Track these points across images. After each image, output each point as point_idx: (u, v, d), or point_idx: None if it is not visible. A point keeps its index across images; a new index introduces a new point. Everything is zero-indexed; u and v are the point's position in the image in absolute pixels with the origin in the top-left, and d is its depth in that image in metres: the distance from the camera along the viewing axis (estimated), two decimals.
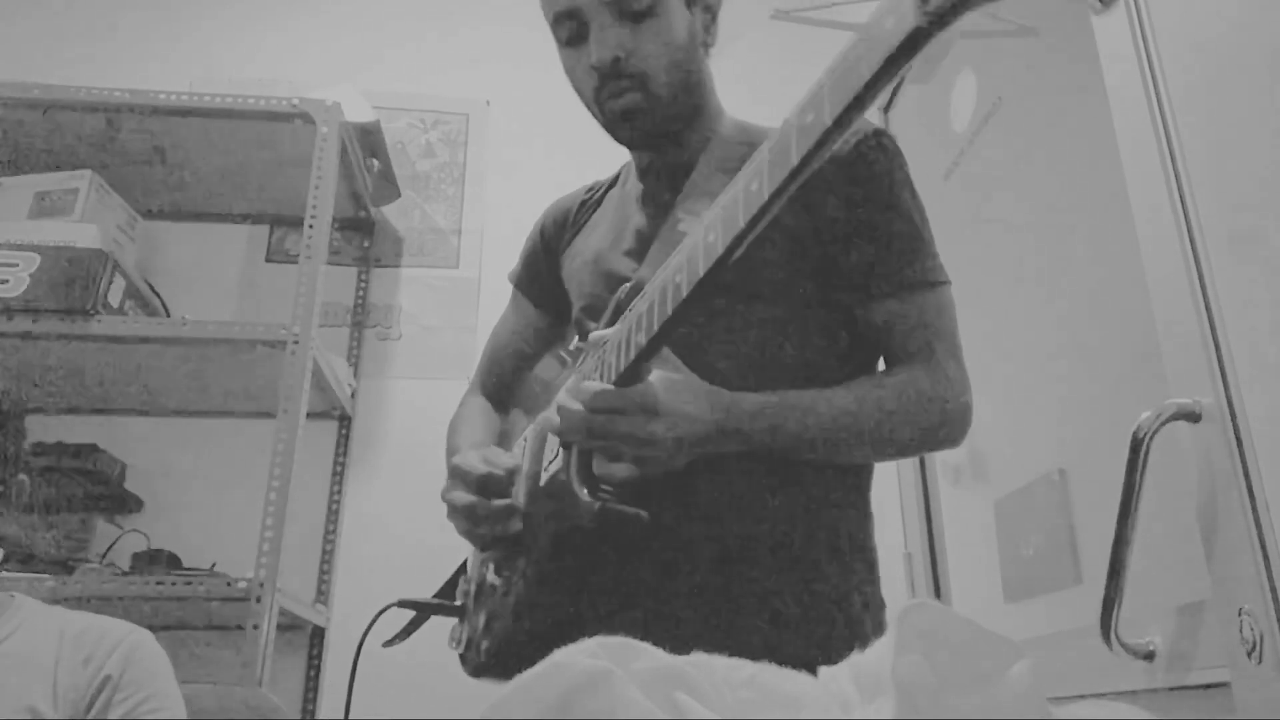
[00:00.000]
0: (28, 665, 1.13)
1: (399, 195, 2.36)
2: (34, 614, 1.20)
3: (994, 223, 1.78)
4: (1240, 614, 0.97)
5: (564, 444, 0.90)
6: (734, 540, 0.92)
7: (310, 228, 1.89)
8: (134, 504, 2.03)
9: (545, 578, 0.94)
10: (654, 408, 0.81)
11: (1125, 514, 1.06)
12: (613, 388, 0.82)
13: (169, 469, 2.10)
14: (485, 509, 0.95)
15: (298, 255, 1.94)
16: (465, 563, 1.15)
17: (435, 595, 1.14)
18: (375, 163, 2.22)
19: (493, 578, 1.03)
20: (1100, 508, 1.31)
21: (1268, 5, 0.99)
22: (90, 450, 1.94)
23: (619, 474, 0.85)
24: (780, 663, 0.41)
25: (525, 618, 0.95)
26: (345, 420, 2.20)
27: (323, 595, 2.05)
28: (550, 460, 0.93)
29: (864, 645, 0.41)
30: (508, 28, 2.54)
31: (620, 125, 1.02)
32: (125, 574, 1.77)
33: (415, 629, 1.16)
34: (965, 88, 1.89)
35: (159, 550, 1.86)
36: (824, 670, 0.41)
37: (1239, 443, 0.99)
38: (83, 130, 2.00)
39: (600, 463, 0.86)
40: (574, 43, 1.01)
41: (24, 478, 1.21)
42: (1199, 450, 1.04)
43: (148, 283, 2.01)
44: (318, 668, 2.00)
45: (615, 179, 1.19)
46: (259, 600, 1.60)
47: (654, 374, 0.83)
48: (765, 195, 0.65)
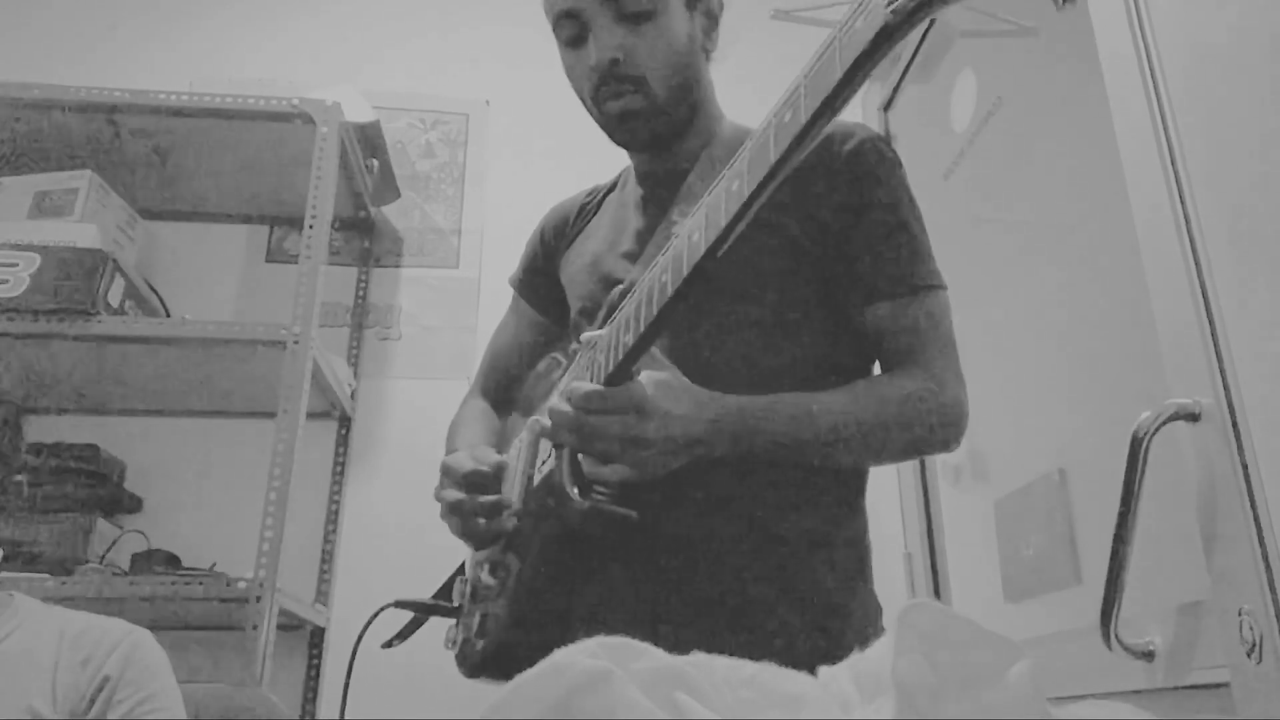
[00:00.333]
0: (27, 665, 1.13)
1: (399, 195, 2.36)
2: (33, 614, 1.20)
3: (994, 223, 1.78)
4: (1240, 614, 0.97)
5: (556, 445, 0.90)
6: (724, 540, 0.92)
7: (310, 228, 1.89)
8: (134, 504, 2.03)
9: (539, 578, 0.95)
10: (643, 407, 0.81)
11: (1125, 514, 1.05)
12: (602, 388, 0.82)
13: (169, 469, 2.10)
14: (472, 505, 0.96)
15: (298, 255, 1.94)
16: (463, 564, 1.15)
17: (433, 596, 1.14)
18: (375, 163, 2.22)
19: (487, 578, 1.03)
20: (1100, 508, 1.31)
21: (1268, 5, 0.99)
22: (90, 450, 1.94)
23: (610, 475, 0.85)
24: (774, 663, 0.41)
25: (519, 618, 0.95)
26: (345, 420, 2.20)
27: (323, 595, 2.05)
28: (543, 461, 0.93)
29: (858, 647, 0.41)
30: (508, 28, 2.54)
31: (618, 127, 1.02)
32: (125, 574, 1.77)
33: (414, 630, 1.16)
34: (965, 88, 1.89)
35: (159, 550, 1.86)
36: (824, 670, 0.41)
37: (1239, 443, 0.99)
38: (83, 130, 2.00)
39: (592, 465, 0.86)
40: (575, 43, 1.01)
41: (21, 479, 1.21)
42: (1199, 450, 1.04)
43: (148, 283, 2.01)
44: (318, 668, 2.00)
45: (615, 183, 1.19)
46: (259, 600, 1.60)
47: (644, 374, 0.83)
48: (746, 194, 0.66)
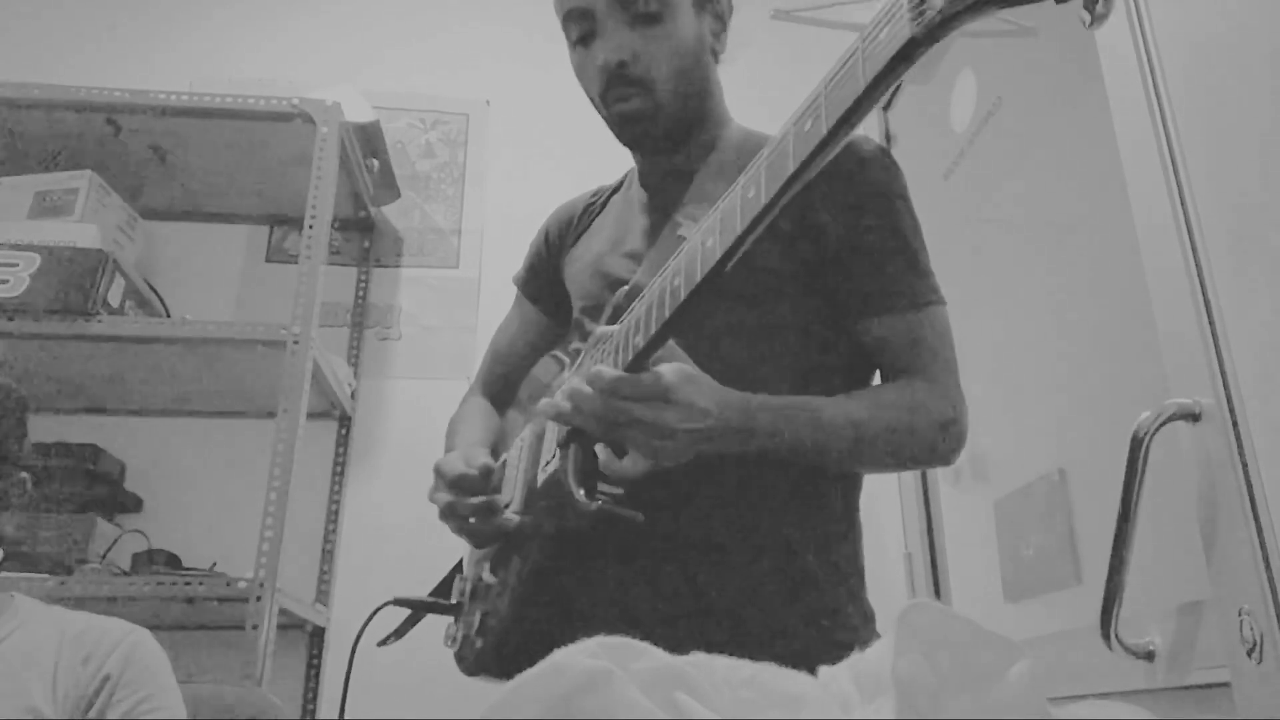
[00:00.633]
0: (28, 664, 1.13)
1: (399, 195, 2.35)
2: (33, 613, 1.20)
3: (994, 223, 1.78)
4: (1240, 614, 0.97)
5: (561, 444, 0.90)
6: (724, 542, 0.92)
7: (310, 228, 1.89)
8: (134, 504, 2.04)
9: (540, 577, 0.95)
10: (668, 396, 0.80)
11: (1125, 514, 1.06)
12: (628, 374, 0.80)
13: (169, 469, 2.10)
14: (463, 507, 0.97)
15: (298, 255, 1.94)
16: (461, 561, 1.15)
17: (431, 594, 1.14)
18: (375, 163, 2.22)
19: (488, 577, 1.03)
20: (1100, 508, 1.31)
21: (1268, 5, 0.99)
22: (90, 450, 1.94)
23: (632, 470, 0.84)
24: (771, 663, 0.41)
25: (520, 617, 0.95)
26: (345, 420, 2.20)
27: (323, 595, 2.05)
28: (547, 461, 0.93)
29: (858, 648, 0.41)
30: (508, 28, 2.54)
31: (625, 128, 1.02)
32: (125, 574, 1.77)
33: (410, 628, 1.16)
34: (965, 88, 1.89)
35: (159, 550, 1.86)
36: (824, 670, 0.41)
37: (1239, 443, 0.99)
38: (83, 130, 2.00)
39: (611, 459, 0.86)
40: (584, 42, 1.01)
41: (25, 476, 1.21)
42: (1199, 450, 1.04)
43: (148, 283, 2.01)
44: (318, 668, 2.00)
45: (620, 183, 1.19)
46: (259, 600, 1.61)
47: (666, 365, 0.82)
48: (763, 201, 0.65)
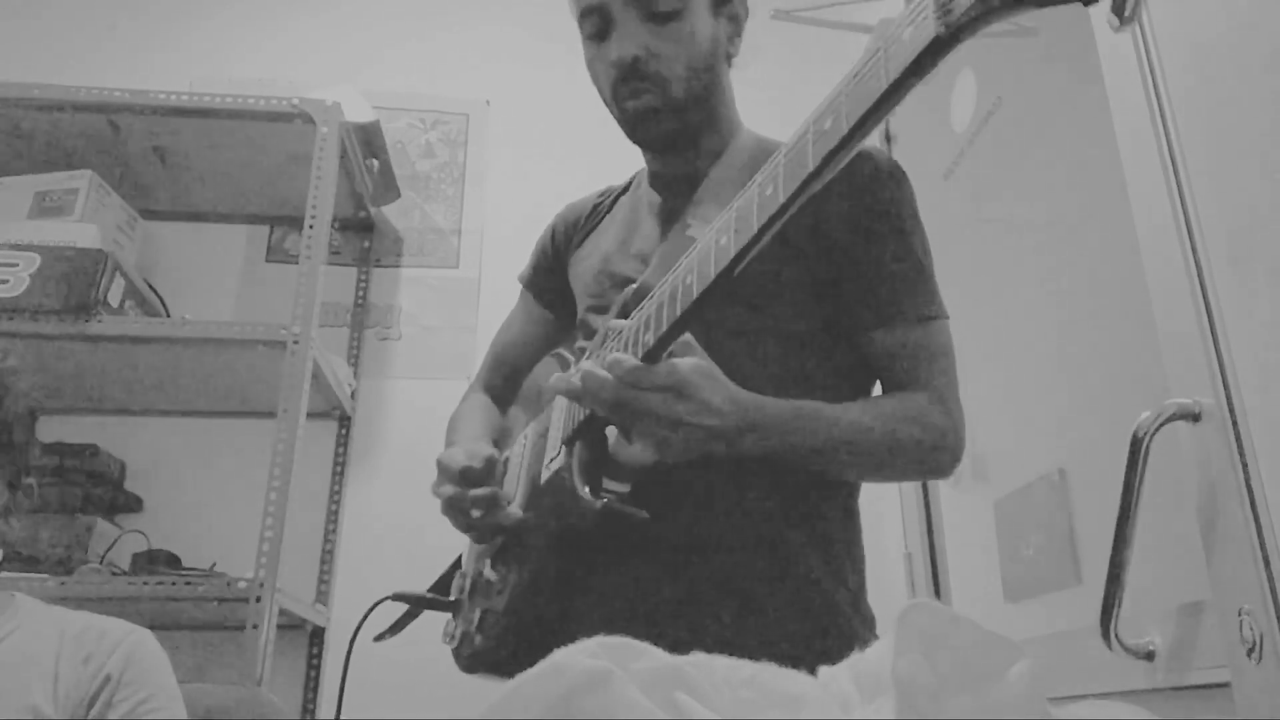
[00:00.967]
0: (29, 664, 1.13)
1: (399, 195, 2.35)
2: (34, 613, 1.20)
3: (994, 223, 1.78)
4: (1240, 614, 0.97)
5: (566, 442, 0.90)
6: (725, 543, 0.92)
7: (310, 228, 1.89)
8: (134, 504, 2.04)
9: (541, 574, 0.95)
10: (682, 389, 0.80)
11: (1125, 514, 1.06)
12: (644, 364, 0.80)
13: (169, 469, 2.10)
14: (466, 499, 0.96)
15: (298, 255, 1.94)
16: (460, 558, 1.15)
17: (429, 590, 1.14)
18: (375, 163, 2.22)
19: (489, 573, 1.02)
20: (1100, 508, 1.31)
21: (1268, 5, 0.99)
22: (90, 450, 1.95)
23: (639, 457, 0.83)
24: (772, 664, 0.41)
25: (519, 614, 0.95)
26: (345, 420, 2.20)
27: (323, 595, 2.05)
28: (551, 458, 0.93)
29: (859, 648, 0.41)
30: (508, 28, 2.54)
31: (635, 125, 1.02)
32: (125, 574, 1.77)
33: (408, 623, 1.15)
34: (965, 88, 1.89)
35: (159, 550, 1.86)
36: (824, 670, 0.41)
37: (1239, 443, 0.99)
38: (83, 130, 2.00)
39: (620, 442, 0.85)
40: (598, 38, 1.02)
41: (32, 480, 1.21)
42: (1199, 450, 1.04)
43: (148, 283, 2.01)
44: (318, 668, 2.00)
45: (629, 184, 1.19)
46: (259, 600, 1.61)
47: (687, 360, 0.82)
48: (780, 199, 0.65)
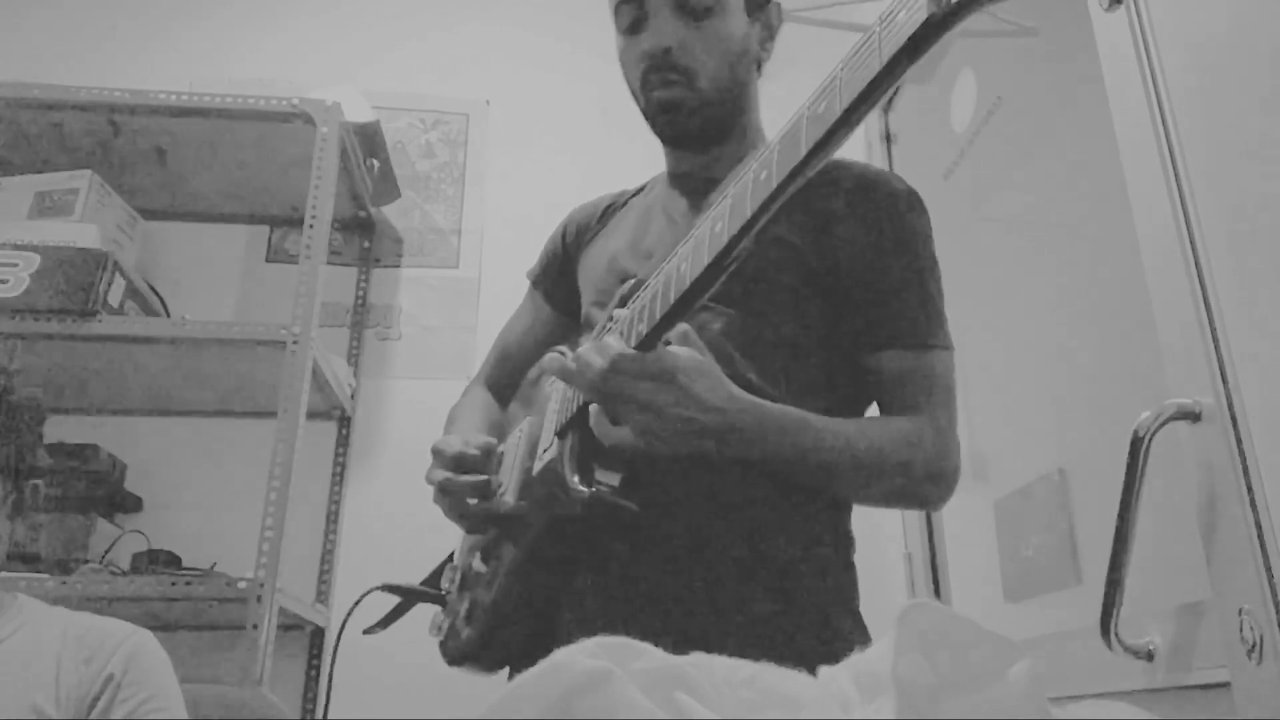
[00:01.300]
0: (31, 664, 1.13)
1: (399, 195, 2.35)
2: (36, 614, 1.20)
3: (994, 222, 1.78)
4: (1240, 614, 0.97)
5: (559, 433, 0.90)
6: (712, 543, 0.92)
7: (310, 228, 1.89)
8: (134, 504, 2.03)
9: (530, 568, 0.94)
10: (671, 379, 0.80)
11: (1125, 514, 1.05)
12: (634, 351, 0.80)
13: (169, 469, 2.10)
14: (460, 484, 0.96)
15: (298, 255, 1.94)
16: (453, 553, 1.15)
17: (422, 584, 1.13)
18: (375, 163, 2.22)
19: (478, 565, 1.02)
20: (1100, 508, 1.31)
21: (1268, 5, 0.99)
22: (90, 450, 1.94)
23: (617, 436, 0.83)
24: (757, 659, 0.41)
25: (506, 607, 0.95)
26: (345, 420, 2.20)
27: (323, 595, 2.05)
28: (544, 449, 0.93)
29: (841, 654, 0.41)
30: (508, 28, 2.54)
31: (660, 116, 1.03)
32: (125, 574, 1.77)
33: (399, 616, 1.15)
34: (965, 88, 1.89)
35: (159, 550, 1.86)
36: (824, 670, 0.41)
37: (1239, 443, 0.99)
38: (83, 130, 2.00)
39: (601, 421, 0.84)
40: (632, 30, 1.03)
41: (39, 483, 1.22)
42: (1199, 450, 1.04)
43: (148, 283, 2.01)
44: (318, 668, 2.00)
45: (643, 188, 1.20)
46: (259, 600, 1.61)
47: (682, 350, 0.81)
48: (774, 183, 0.65)
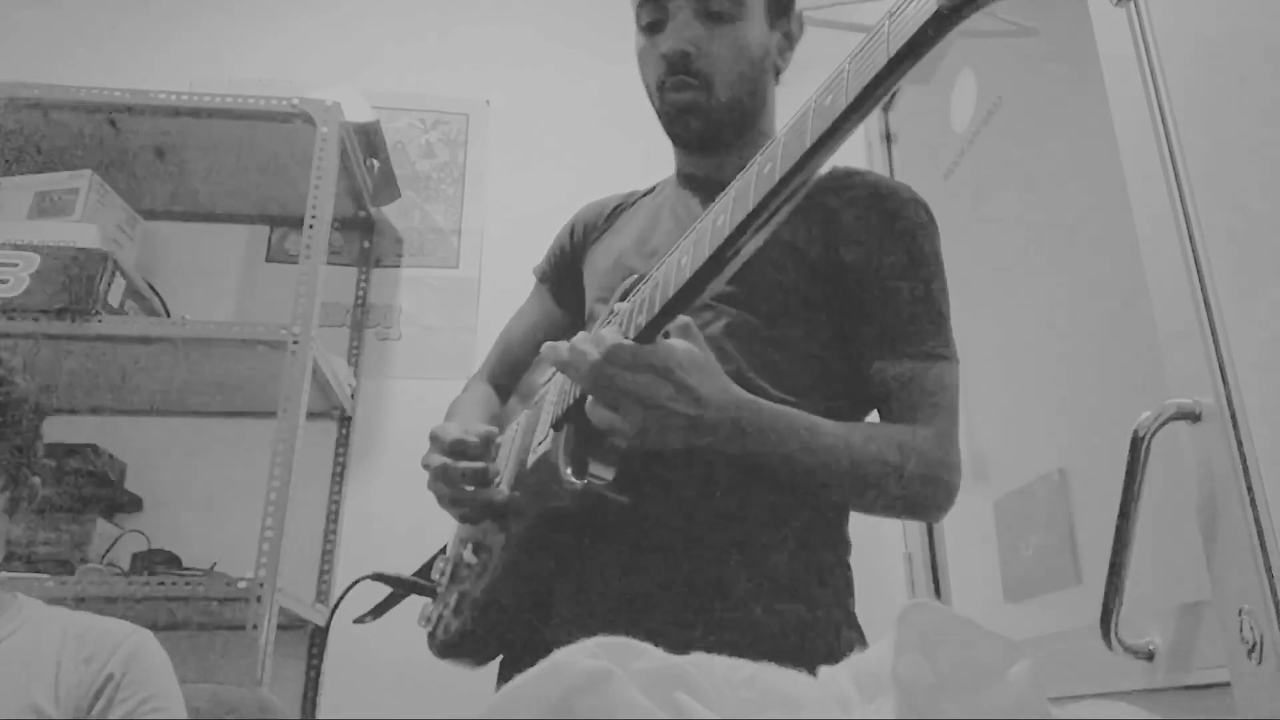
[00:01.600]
0: (31, 664, 1.13)
1: (399, 195, 2.36)
2: (36, 613, 1.20)
3: (994, 222, 1.78)
4: (1240, 614, 0.97)
5: (554, 426, 0.90)
6: (708, 537, 0.92)
7: (310, 228, 1.89)
8: (134, 504, 2.04)
9: (521, 561, 0.94)
10: (668, 373, 0.79)
11: (1125, 514, 1.05)
12: (630, 343, 0.79)
13: (169, 469, 2.10)
14: (456, 470, 0.96)
15: (298, 255, 1.94)
16: (446, 547, 1.15)
17: (414, 575, 1.13)
18: (375, 163, 2.22)
19: (469, 557, 1.02)
20: (1100, 508, 1.31)
21: (1268, 5, 0.99)
22: (90, 450, 1.94)
23: (608, 421, 0.81)
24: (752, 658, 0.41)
25: (496, 599, 0.95)
26: (345, 420, 2.20)
27: (323, 595, 2.05)
28: (539, 441, 0.93)
29: (835, 653, 0.41)
30: (508, 28, 2.54)
31: (675, 119, 1.03)
32: (125, 574, 1.77)
33: (389, 607, 1.15)
34: (965, 88, 1.89)
35: (159, 550, 1.86)
36: (824, 670, 0.41)
37: (1239, 443, 0.99)
38: (83, 130, 2.00)
39: (594, 408, 0.82)
40: (652, 29, 1.03)
41: (37, 480, 1.21)
42: (1199, 450, 1.04)
43: (148, 283, 2.01)
44: (318, 668, 2.00)
45: (653, 189, 1.20)
46: (259, 600, 1.61)
47: (680, 344, 0.81)
48: (778, 175, 0.65)
